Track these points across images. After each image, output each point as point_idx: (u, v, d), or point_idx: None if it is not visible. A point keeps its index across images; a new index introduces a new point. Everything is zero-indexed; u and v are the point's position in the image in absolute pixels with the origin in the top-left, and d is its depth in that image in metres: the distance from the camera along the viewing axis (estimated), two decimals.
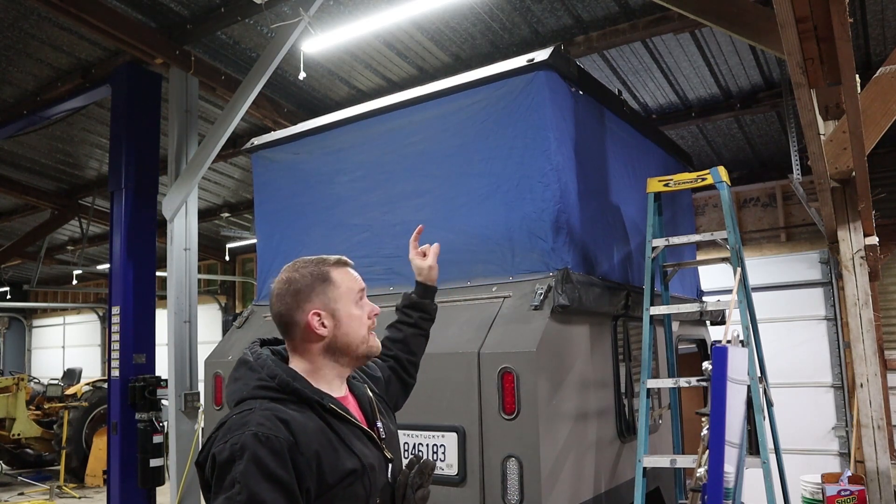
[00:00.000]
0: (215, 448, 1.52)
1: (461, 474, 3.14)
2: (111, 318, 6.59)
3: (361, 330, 1.77)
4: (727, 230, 3.80)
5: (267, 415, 1.54)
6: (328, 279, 1.75)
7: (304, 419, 1.58)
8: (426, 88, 3.93)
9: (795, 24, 2.23)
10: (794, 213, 9.41)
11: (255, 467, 1.45)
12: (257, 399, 1.61)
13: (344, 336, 1.73)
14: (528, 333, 3.13)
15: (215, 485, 1.50)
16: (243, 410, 1.58)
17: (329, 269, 1.77)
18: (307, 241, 4.31)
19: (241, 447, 1.47)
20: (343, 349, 1.74)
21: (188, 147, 6.80)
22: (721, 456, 2.92)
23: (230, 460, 1.47)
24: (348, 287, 1.77)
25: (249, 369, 1.68)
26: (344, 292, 1.76)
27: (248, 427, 1.51)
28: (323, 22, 6.08)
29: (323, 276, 1.75)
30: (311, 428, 1.57)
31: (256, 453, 1.46)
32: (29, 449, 12.08)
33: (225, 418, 1.60)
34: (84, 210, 11.51)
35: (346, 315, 1.74)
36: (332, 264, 1.79)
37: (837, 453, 8.61)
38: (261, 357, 1.70)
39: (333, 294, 1.74)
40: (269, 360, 1.68)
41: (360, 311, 1.78)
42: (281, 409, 1.57)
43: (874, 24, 6.26)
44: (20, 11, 6.35)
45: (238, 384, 1.68)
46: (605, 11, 6.17)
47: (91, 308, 18.52)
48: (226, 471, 1.48)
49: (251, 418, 1.53)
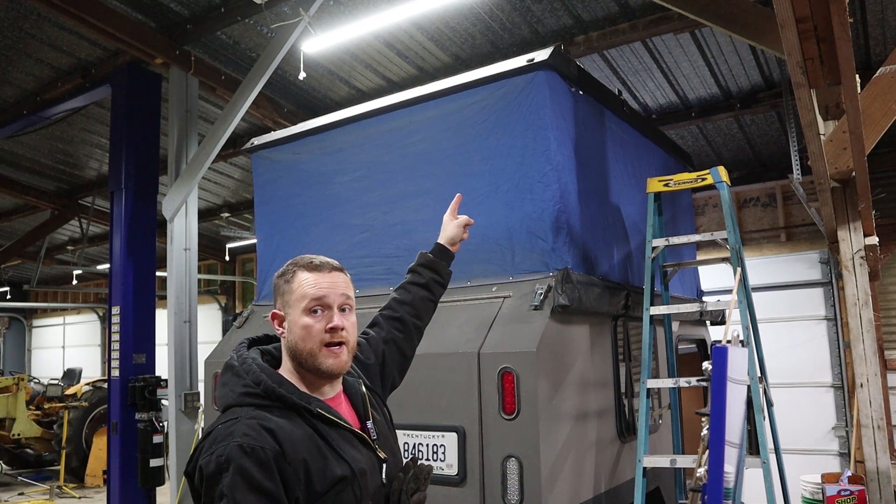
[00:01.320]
0: (202, 460, 1.50)
1: (461, 474, 3.14)
2: (111, 318, 6.60)
3: (308, 343, 1.64)
4: (727, 230, 3.80)
5: (252, 424, 1.51)
6: (288, 281, 1.71)
7: (291, 427, 1.55)
8: (426, 88, 3.93)
9: (795, 24, 2.23)
10: (794, 213, 9.41)
11: (242, 479, 1.44)
12: (243, 406, 1.58)
13: (293, 344, 1.66)
14: (528, 333, 3.13)
15: (204, 496, 1.49)
16: (228, 420, 1.55)
17: (295, 270, 1.71)
18: (307, 241, 4.31)
19: (226, 459, 1.46)
20: (297, 356, 1.66)
21: (188, 147, 6.80)
22: (721, 456, 2.92)
23: (217, 472, 1.46)
24: (301, 293, 1.67)
25: (234, 374, 1.64)
26: (295, 298, 1.67)
27: (233, 438, 1.49)
28: (323, 22, 6.08)
29: (286, 276, 1.72)
30: (299, 435, 1.55)
31: (242, 465, 1.45)
32: (29, 449, 12.07)
33: (211, 427, 1.57)
34: (84, 210, 11.52)
35: (292, 322, 1.67)
36: (301, 266, 1.72)
37: (837, 453, 8.61)
38: (246, 362, 1.65)
39: (287, 297, 1.70)
40: (255, 364, 1.64)
41: (312, 322, 1.65)
42: (267, 416, 1.54)
43: (874, 24, 6.26)
44: (20, 11, 6.35)
45: (224, 390, 1.65)
46: (605, 11, 6.17)
47: (91, 308, 18.53)
48: (213, 483, 1.46)
49: (236, 428, 1.51)
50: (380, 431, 1.77)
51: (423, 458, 3.26)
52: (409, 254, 3.87)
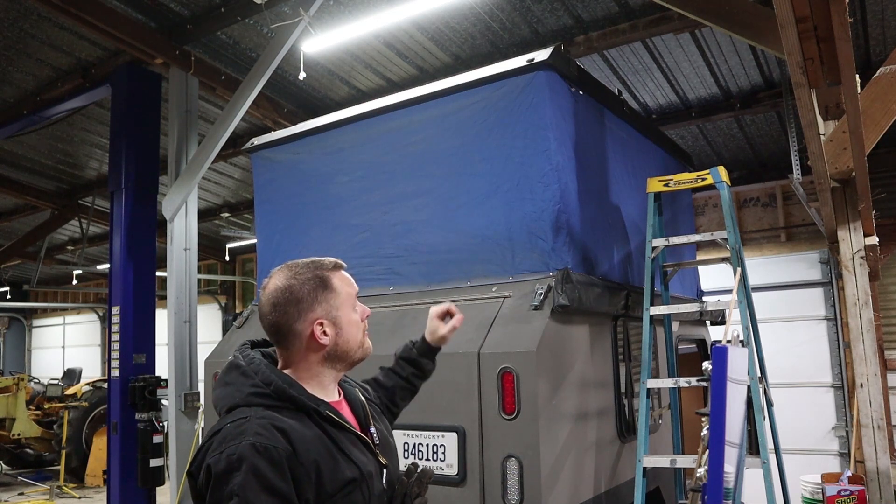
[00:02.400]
0: (210, 458, 1.47)
1: (461, 474, 3.14)
2: (111, 318, 6.60)
3: (359, 334, 1.74)
4: (727, 230, 3.80)
5: (264, 423, 1.49)
6: (329, 286, 1.69)
7: (302, 427, 1.54)
8: (426, 88, 3.93)
9: (795, 24, 2.23)
10: (794, 213, 9.42)
11: (254, 479, 1.42)
12: (252, 406, 1.55)
13: (345, 343, 1.70)
14: (528, 333, 3.13)
15: (210, 496, 1.45)
16: (238, 419, 1.52)
17: (329, 274, 1.71)
18: (307, 241, 4.31)
19: (238, 458, 1.43)
20: (342, 356, 1.71)
21: (188, 147, 6.80)
22: (721, 456, 2.92)
23: (227, 472, 1.43)
24: (347, 293, 1.73)
25: (242, 374, 1.62)
26: (344, 299, 1.71)
27: (244, 437, 1.46)
28: (323, 22, 6.08)
29: (324, 282, 1.69)
30: (310, 437, 1.54)
31: (255, 465, 1.43)
32: (29, 449, 12.07)
33: (218, 426, 1.54)
34: (84, 210, 11.52)
35: (346, 321, 1.70)
36: (330, 269, 1.72)
37: (837, 453, 8.61)
38: (254, 362, 1.63)
39: (335, 301, 1.69)
40: (263, 364, 1.63)
41: (357, 316, 1.74)
42: (277, 417, 1.53)
43: (874, 24, 6.26)
44: (20, 11, 6.35)
45: (229, 389, 1.62)
46: (605, 11, 6.17)
47: (91, 308, 18.53)
48: (223, 482, 1.43)
49: (247, 427, 1.48)
50: (381, 438, 1.77)
51: (423, 459, 3.26)
52: (409, 254, 3.88)
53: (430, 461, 3.24)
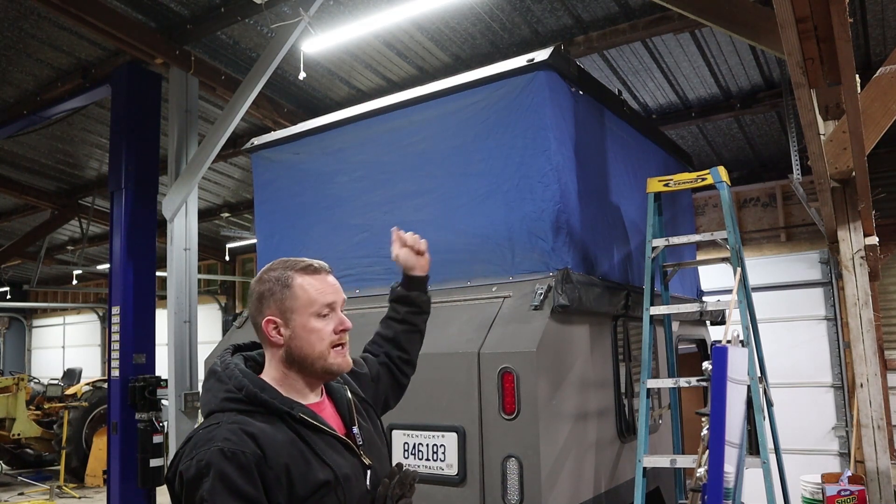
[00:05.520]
0: (182, 465, 1.50)
1: (461, 474, 3.14)
2: (111, 318, 6.60)
3: (319, 346, 1.66)
4: (727, 230, 3.80)
5: (233, 429, 1.51)
6: (288, 286, 1.68)
7: (273, 431, 1.55)
8: (426, 88, 3.92)
9: (795, 24, 2.23)
10: (794, 213, 9.42)
11: (222, 484, 1.43)
12: (225, 412, 1.57)
13: (298, 349, 1.66)
14: (528, 333, 3.13)
15: (185, 502, 1.48)
16: (210, 425, 1.55)
17: (293, 274, 1.69)
18: (307, 241, 4.31)
19: (206, 464, 1.45)
20: (300, 361, 1.67)
21: (188, 147, 6.80)
22: (721, 456, 2.92)
23: (197, 478, 1.46)
24: (309, 298, 1.67)
25: (217, 380, 1.64)
26: (303, 303, 1.67)
27: (213, 442, 1.48)
28: (323, 22, 6.08)
29: (284, 281, 1.68)
30: (281, 440, 1.54)
31: (223, 470, 1.44)
32: (29, 449, 12.08)
33: (192, 433, 1.57)
34: (84, 210, 11.52)
35: (300, 326, 1.66)
36: (298, 269, 1.70)
37: (837, 453, 8.61)
38: (229, 367, 1.65)
39: (290, 303, 1.66)
40: (238, 369, 1.64)
41: (322, 325, 1.67)
42: (249, 421, 1.54)
43: (874, 24, 6.26)
44: (20, 11, 6.35)
45: (208, 396, 1.64)
46: (605, 11, 6.17)
47: (91, 308, 18.54)
48: (193, 488, 1.46)
49: (217, 433, 1.50)
50: (366, 437, 1.76)
51: (423, 459, 3.26)
52: None
53: (430, 461, 3.24)
